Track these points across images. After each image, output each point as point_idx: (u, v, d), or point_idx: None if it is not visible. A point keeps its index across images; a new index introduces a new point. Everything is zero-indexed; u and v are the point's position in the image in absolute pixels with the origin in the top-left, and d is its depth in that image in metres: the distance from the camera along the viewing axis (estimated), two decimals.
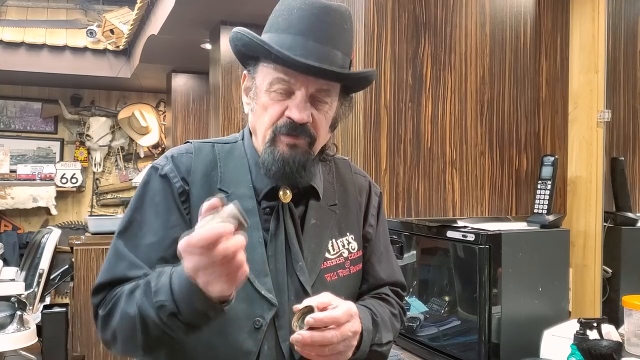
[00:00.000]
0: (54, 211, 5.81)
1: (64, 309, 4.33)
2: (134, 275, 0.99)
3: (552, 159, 1.80)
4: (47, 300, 4.98)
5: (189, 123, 5.14)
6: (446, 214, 1.87)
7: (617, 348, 1.33)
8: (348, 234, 1.15)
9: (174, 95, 5.12)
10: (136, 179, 5.84)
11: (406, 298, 1.67)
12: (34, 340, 3.86)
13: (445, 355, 1.64)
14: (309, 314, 0.93)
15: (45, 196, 5.71)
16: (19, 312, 3.81)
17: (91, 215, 5.89)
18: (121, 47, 5.12)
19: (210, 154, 1.10)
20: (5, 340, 3.66)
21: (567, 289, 1.73)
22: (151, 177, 1.08)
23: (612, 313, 1.74)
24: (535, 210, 1.78)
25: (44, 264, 4.00)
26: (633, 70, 1.97)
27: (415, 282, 1.78)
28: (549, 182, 1.78)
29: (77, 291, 4.34)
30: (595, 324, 1.41)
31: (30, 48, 5.01)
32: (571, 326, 1.47)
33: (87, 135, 6.03)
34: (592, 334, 1.40)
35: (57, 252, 4.38)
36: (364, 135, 1.75)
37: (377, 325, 1.08)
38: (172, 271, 0.90)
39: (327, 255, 1.10)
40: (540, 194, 1.79)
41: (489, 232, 1.55)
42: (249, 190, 1.07)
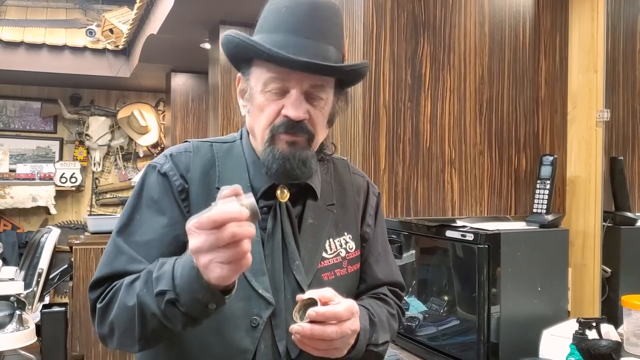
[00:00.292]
0: (53, 210, 5.80)
1: (63, 309, 4.33)
2: (133, 270, 0.99)
3: (551, 158, 1.80)
4: (47, 300, 4.98)
5: (188, 123, 5.13)
6: (445, 214, 1.87)
7: (616, 348, 1.33)
8: (346, 233, 1.15)
9: (173, 94, 5.11)
10: (135, 178, 5.83)
11: (405, 298, 1.67)
12: (33, 339, 3.86)
13: (444, 355, 1.63)
14: (311, 306, 0.94)
15: (45, 196, 5.70)
16: (18, 312, 3.81)
17: (90, 215, 5.89)
18: (120, 47, 5.12)
19: (209, 153, 1.11)
20: (4, 339, 3.66)
21: (566, 288, 1.73)
22: (150, 175, 1.08)
23: (611, 313, 1.74)
24: (535, 210, 1.78)
25: (43, 263, 4.01)
26: (632, 69, 1.97)
27: (414, 282, 1.78)
28: (548, 182, 1.78)
29: (76, 291, 4.34)
30: (594, 324, 1.41)
31: (29, 48, 5.00)
32: (570, 326, 1.47)
33: (87, 134, 6.02)
34: (591, 334, 1.40)
35: (56, 252, 4.38)
36: (363, 135, 1.74)
37: (374, 325, 1.08)
38: (176, 260, 0.90)
39: (324, 254, 1.10)
40: (539, 194, 1.79)
41: (488, 232, 1.55)
42: (246, 189, 1.07)
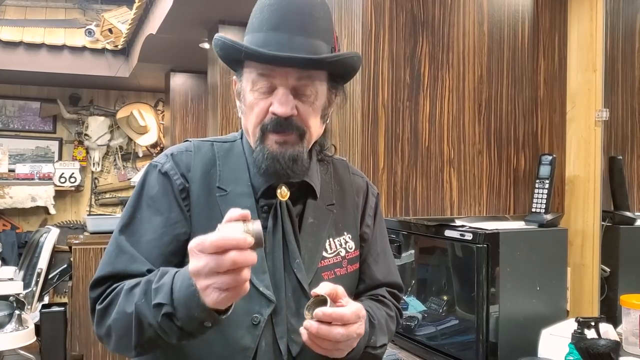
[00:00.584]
0: (52, 210, 5.80)
1: (63, 309, 4.33)
2: (134, 270, 0.99)
3: (550, 158, 1.80)
4: (46, 300, 4.98)
5: (187, 122, 5.14)
6: (444, 213, 1.87)
7: (615, 347, 1.33)
8: (345, 233, 1.15)
9: (173, 94, 5.12)
10: (135, 178, 5.84)
11: (404, 297, 1.67)
12: (33, 339, 3.86)
13: (443, 355, 1.63)
14: (321, 304, 0.94)
15: (44, 195, 5.70)
16: (17, 312, 3.81)
17: (90, 215, 5.89)
18: (120, 47, 5.12)
19: (210, 153, 1.11)
20: (3, 339, 3.66)
21: (565, 288, 1.73)
22: (151, 174, 1.08)
23: (610, 312, 1.74)
24: (533, 210, 1.78)
25: (43, 263, 4.01)
26: (631, 69, 1.97)
27: (413, 282, 1.78)
28: (547, 181, 1.78)
29: (75, 290, 4.34)
30: (593, 323, 1.41)
31: (28, 47, 5.00)
32: (569, 325, 1.47)
33: (86, 134, 6.02)
34: (590, 333, 1.40)
35: (55, 252, 4.38)
36: (361, 134, 1.74)
37: (373, 327, 1.09)
38: (176, 272, 0.90)
39: (324, 254, 1.11)
40: (538, 193, 1.79)
41: (487, 231, 1.55)
42: (247, 188, 1.08)
